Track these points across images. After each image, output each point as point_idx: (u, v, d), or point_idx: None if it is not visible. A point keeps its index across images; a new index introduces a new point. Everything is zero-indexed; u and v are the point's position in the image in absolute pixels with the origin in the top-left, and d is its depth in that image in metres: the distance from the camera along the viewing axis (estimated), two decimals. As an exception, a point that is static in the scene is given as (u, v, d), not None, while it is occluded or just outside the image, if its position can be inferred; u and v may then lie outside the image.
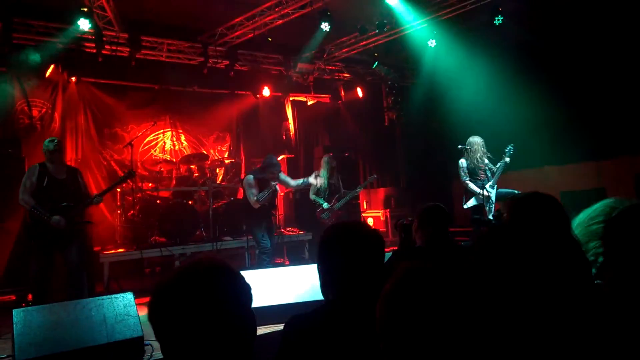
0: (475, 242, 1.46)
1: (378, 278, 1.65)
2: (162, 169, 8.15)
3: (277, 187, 6.63)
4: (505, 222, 3.14)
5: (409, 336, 1.08)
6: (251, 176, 6.40)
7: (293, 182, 6.93)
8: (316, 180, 6.92)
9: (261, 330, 3.79)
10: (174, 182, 8.17)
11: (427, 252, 2.91)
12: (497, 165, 6.56)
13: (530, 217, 2.13)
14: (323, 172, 7.26)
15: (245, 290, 1.28)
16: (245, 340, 1.24)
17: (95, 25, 7.12)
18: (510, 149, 6.48)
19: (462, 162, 6.66)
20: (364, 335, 1.46)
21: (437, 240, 2.98)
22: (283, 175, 6.81)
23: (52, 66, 7.67)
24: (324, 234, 1.82)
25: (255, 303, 1.34)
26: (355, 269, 1.71)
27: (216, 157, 9.45)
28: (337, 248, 1.76)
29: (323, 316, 1.66)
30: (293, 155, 9.99)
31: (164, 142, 9.23)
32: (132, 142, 7.38)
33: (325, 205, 7.14)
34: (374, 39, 9.01)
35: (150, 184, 8.12)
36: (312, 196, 7.28)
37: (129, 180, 7.95)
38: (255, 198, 6.25)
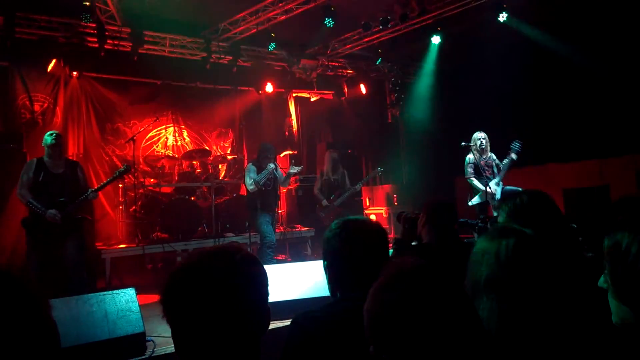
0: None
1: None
2: (164, 165, 8.14)
3: (279, 171, 6.55)
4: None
5: (403, 341, 1.02)
6: (250, 163, 6.42)
7: (283, 177, 6.70)
8: (294, 169, 6.59)
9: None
10: (176, 178, 8.15)
11: (436, 249, 2.88)
12: (503, 162, 6.38)
13: (524, 214, 2.10)
14: (327, 167, 7.22)
15: (266, 283, 1.24)
16: (258, 333, 1.21)
17: (97, 20, 7.10)
18: (516, 144, 6.25)
19: (468, 158, 6.57)
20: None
21: (447, 238, 2.96)
22: (279, 173, 6.74)
23: (54, 61, 7.63)
24: (330, 230, 1.79)
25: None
26: (361, 264, 1.68)
27: (219, 153, 9.43)
28: (343, 244, 1.73)
29: (331, 314, 1.63)
30: (296, 152, 9.95)
31: (166, 138, 9.20)
32: (135, 138, 7.38)
33: (323, 202, 7.08)
34: (377, 35, 8.97)
35: (152, 180, 8.11)
36: (316, 191, 7.24)
37: (130, 176, 7.97)
38: (251, 180, 6.20)
